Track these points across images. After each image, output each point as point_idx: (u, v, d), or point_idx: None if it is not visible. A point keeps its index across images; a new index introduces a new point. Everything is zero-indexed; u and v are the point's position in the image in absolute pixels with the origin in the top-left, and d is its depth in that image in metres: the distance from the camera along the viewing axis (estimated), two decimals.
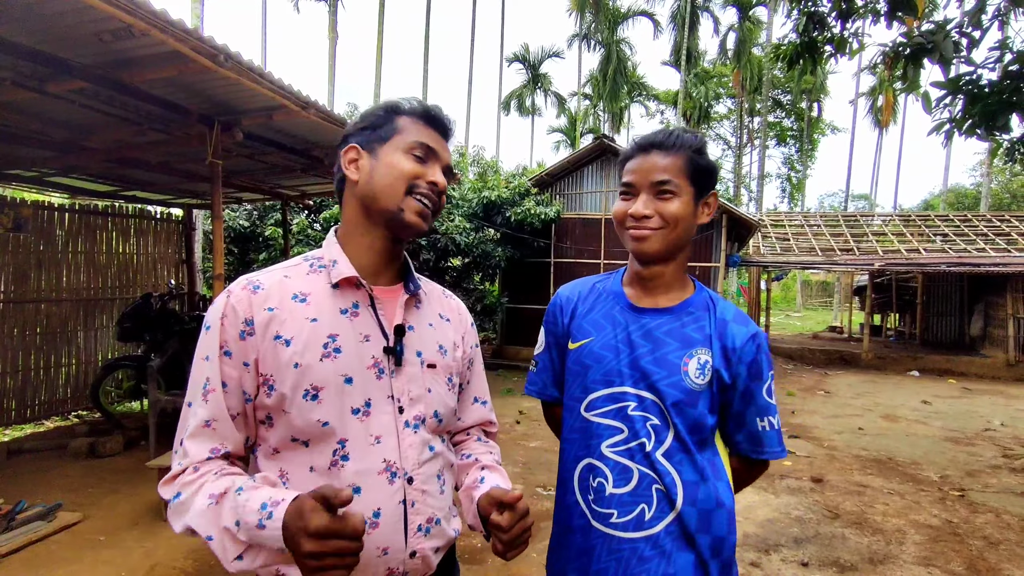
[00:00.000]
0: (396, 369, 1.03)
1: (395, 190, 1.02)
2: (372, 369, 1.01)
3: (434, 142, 1.06)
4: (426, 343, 1.09)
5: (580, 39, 30.38)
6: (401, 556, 1.00)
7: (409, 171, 1.03)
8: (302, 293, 1.01)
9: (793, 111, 35.77)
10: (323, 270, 1.05)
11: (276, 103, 3.65)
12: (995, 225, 14.79)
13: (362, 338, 1.01)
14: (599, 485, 1.23)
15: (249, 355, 0.96)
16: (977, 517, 4.26)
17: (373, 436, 0.99)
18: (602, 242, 11.26)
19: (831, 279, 32.20)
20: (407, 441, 1.02)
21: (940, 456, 5.95)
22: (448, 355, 1.13)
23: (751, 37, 30.38)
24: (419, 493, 1.02)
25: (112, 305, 6.38)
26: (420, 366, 1.07)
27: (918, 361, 12.69)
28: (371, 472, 0.98)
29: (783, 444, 1.27)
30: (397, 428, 1.01)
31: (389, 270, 1.09)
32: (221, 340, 0.96)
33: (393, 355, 1.03)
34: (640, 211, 1.19)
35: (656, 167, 1.19)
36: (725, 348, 1.21)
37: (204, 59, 3.01)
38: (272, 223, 8.86)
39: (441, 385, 1.10)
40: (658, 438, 1.19)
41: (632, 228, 1.21)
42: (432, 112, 1.09)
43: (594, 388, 1.25)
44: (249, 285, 0.99)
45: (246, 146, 4.45)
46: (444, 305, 1.20)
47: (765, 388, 1.22)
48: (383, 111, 1.09)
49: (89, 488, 4.02)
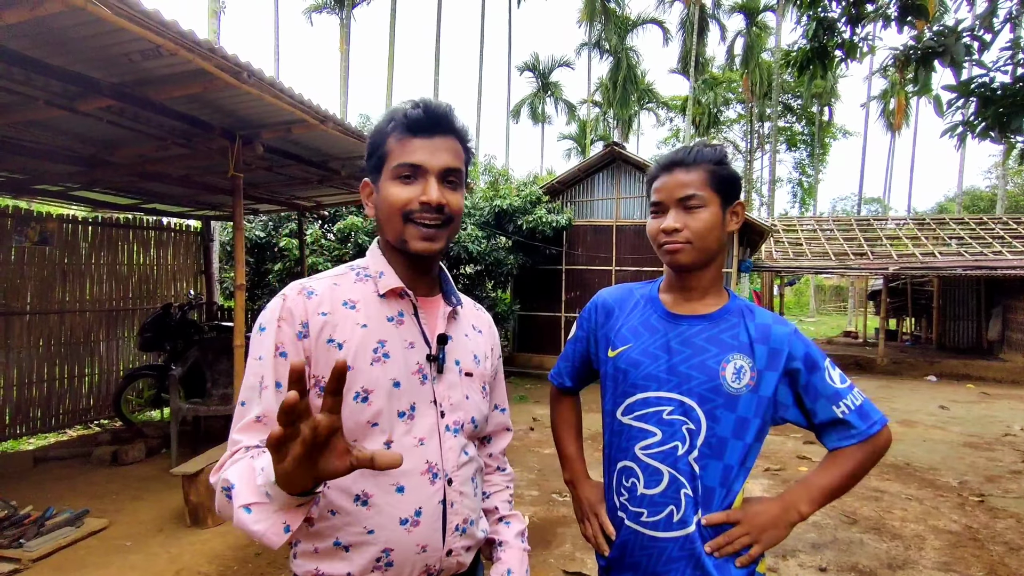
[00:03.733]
0: (438, 376, 1.08)
1: (394, 223, 1.04)
2: (417, 375, 1.05)
3: (421, 153, 1.02)
4: (463, 353, 1.14)
5: (590, 47, 30.53)
6: (438, 555, 1.04)
7: (399, 200, 1.02)
8: (351, 300, 1.05)
9: (804, 115, 35.66)
10: (369, 279, 1.09)
11: (296, 117, 3.75)
12: (1012, 228, 14.64)
13: (407, 345, 1.06)
14: (632, 485, 1.28)
15: (303, 355, 0.99)
16: (998, 523, 4.22)
17: (417, 438, 1.03)
18: (613, 248, 11.29)
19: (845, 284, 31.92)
20: (447, 444, 1.07)
21: (959, 462, 5.90)
22: (481, 365, 1.18)
23: (759, 42, 30.38)
24: (457, 494, 1.07)
25: (133, 316, 6.51)
26: (459, 374, 1.11)
27: (935, 366, 12.55)
28: (415, 472, 1.02)
29: (875, 416, 1.23)
30: (439, 432, 1.06)
31: (424, 282, 1.13)
32: (277, 341, 0.99)
33: (436, 362, 1.07)
34: (670, 225, 1.24)
35: (680, 183, 1.25)
36: (772, 350, 1.24)
37: (228, 76, 3.11)
38: (287, 233, 8.98)
39: (477, 393, 1.15)
40: (691, 442, 1.23)
41: (665, 243, 1.26)
42: (413, 118, 1.03)
43: (632, 392, 1.30)
44: (304, 290, 1.03)
45: (265, 159, 4.55)
46: (476, 318, 1.25)
47: (827, 375, 1.24)
48: (375, 137, 1.08)
49: (113, 495, 4.11)
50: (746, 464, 1.25)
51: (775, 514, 1.24)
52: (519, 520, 1.26)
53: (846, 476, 1.24)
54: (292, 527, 0.83)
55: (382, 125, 1.07)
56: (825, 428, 1.25)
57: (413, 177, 1.03)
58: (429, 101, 1.05)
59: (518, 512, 1.26)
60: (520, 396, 8.83)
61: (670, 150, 1.51)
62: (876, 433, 1.22)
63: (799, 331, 1.29)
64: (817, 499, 1.24)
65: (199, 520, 3.56)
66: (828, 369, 1.25)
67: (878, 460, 1.26)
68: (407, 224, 1.03)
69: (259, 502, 0.82)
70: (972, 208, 31.09)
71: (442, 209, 1.03)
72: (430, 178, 1.03)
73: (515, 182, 11.83)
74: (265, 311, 1.04)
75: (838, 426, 1.24)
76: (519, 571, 1.20)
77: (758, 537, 1.22)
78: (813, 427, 1.27)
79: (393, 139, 1.04)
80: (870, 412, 1.23)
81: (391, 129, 1.05)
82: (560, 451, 1.54)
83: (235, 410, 1.03)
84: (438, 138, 1.04)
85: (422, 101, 1.05)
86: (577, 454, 1.51)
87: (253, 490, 0.84)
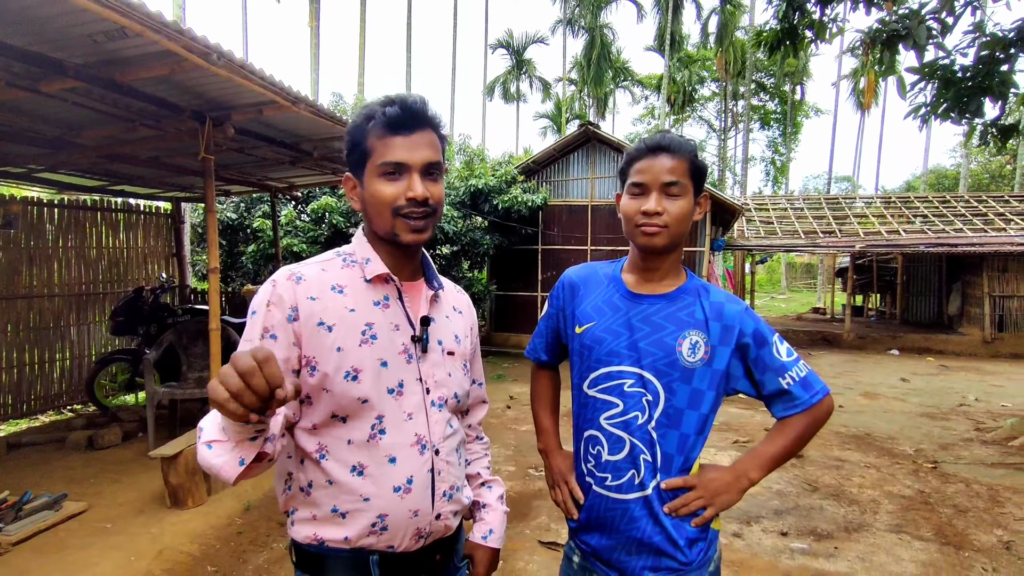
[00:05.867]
0: (422, 355, 1.15)
1: (383, 217, 1.09)
2: (403, 355, 1.13)
3: (403, 151, 1.07)
4: (445, 333, 1.22)
5: (564, 24, 30.28)
6: (428, 518, 1.13)
7: (387, 197, 1.08)
8: (339, 285, 1.11)
9: (776, 94, 35.99)
10: (355, 265, 1.15)
11: (267, 99, 3.71)
12: (973, 206, 15.11)
13: (393, 327, 1.13)
14: (597, 452, 1.38)
15: (294, 337, 1.06)
16: (948, 487, 4.48)
17: (406, 412, 1.11)
18: (588, 228, 11.39)
19: (815, 261, 32.64)
20: (434, 418, 1.15)
21: (915, 431, 6.19)
22: (462, 344, 1.26)
23: (733, 20, 30.45)
24: (444, 463, 1.16)
25: (104, 300, 6.42)
26: (441, 353, 1.19)
27: (898, 340, 13.01)
28: (405, 444, 1.11)
29: (817, 386, 1.34)
30: (426, 407, 1.14)
31: (408, 268, 1.20)
32: (266, 324, 1.05)
33: (420, 343, 1.15)
34: (653, 208, 1.30)
35: (665, 168, 1.30)
36: (724, 327, 1.34)
37: (197, 58, 3.07)
38: (260, 215, 8.88)
39: (459, 370, 1.23)
40: (650, 413, 1.33)
41: (644, 224, 1.32)
42: (392, 116, 1.07)
43: (596, 367, 1.38)
44: (292, 276, 1.09)
45: (236, 140, 4.49)
46: (456, 299, 1.32)
47: (774, 350, 1.35)
48: (354, 134, 1.12)
49: (91, 479, 4.11)
50: (703, 433, 1.35)
51: (728, 480, 1.35)
52: (499, 484, 1.37)
53: (791, 443, 1.35)
54: (246, 460, 0.90)
55: (360, 123, 1.11)
56: (772, 398, 1.36)
57: (397, 174, 1.08)
58: (404, 97, 1.10)
59: (498, 477, 1.38)
60: (498, 375, 8.95)
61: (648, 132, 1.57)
62: (818, 402, 1.34)
63: (750, 309, 1.39)
64: (765, 465, 1.35)
65: (179, 501, 3.60)
66: (776, 344, 1.35)
67: (820, 426, 1.38)
68: (396, 218, 1.09)
69: (218, 439, 0.90)
70: (937, 186, 31.91)
71: (427, 202, 1.09)
72: (413, 174, 1.08)
73: (490, 162, 11.81)
74: (257, 296, 1.11)
75: (783, 396, 1.34)
76: (499, 531, 1.32)
77: (711, 500, 1.33)
78: (762, 397, 1.37)
79: (374, 137, 1.08)
80: (812, 383, 1.35)
81: (371, 127, 1.09)
82: (536, 423, 1.63)
83: None
84: (417, 133, 1.09)
85: (398, 98, 1.09)
86: (551, 426, 1.60)
87: (216, 428, 0.91)
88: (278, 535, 3.42)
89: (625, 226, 1.37)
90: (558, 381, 1.65)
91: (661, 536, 1.31)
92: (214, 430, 0.91)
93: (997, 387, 8.79)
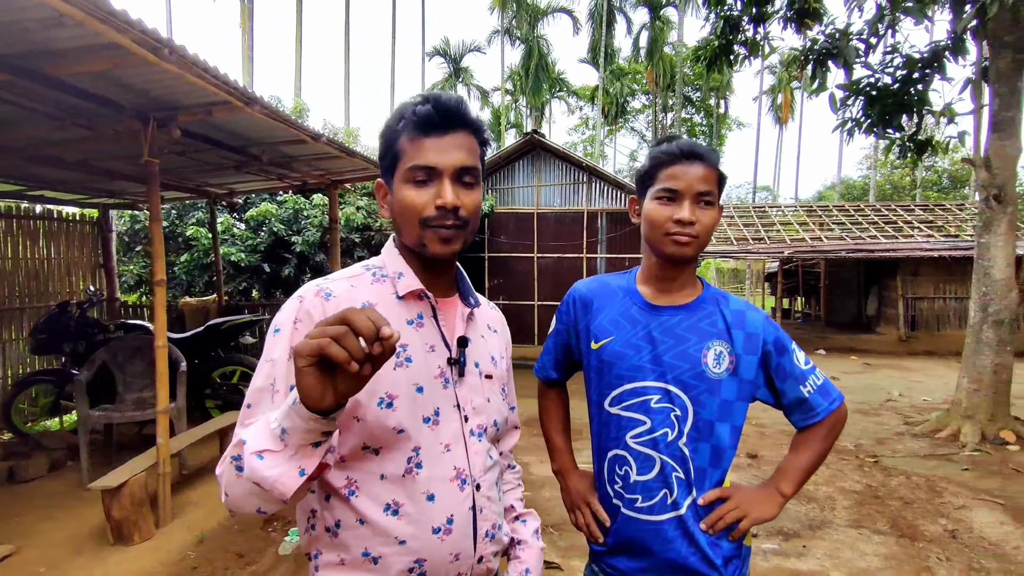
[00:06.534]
0: (459, 380, 1.05)
1: (412, 227, 1.00)
2: (439, 379, 1.02)
3: (433, 154, 0.97)
4: (481, 355, 1.12)
5: (502, 34, 30.52)
6: (470, 561, 1.03)
7: (415, 205, 0.98)
8: (369, 302, 1.01)
9: (702, 107, 37.63)
10: (386, 279, 1.05)
11: (219, 99, 3.47)
12: (884, 214, 16.29)
13: (428, 348, 1.03)
14: (625, 473, 1.32)
15: None
16: (891, 480, 4.74)
17: (443, 444, 1.01)
18: (535, 236, 11.44)
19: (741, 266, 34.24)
20: (473, 449, 1.05)
21: (853, 427, 6.54)
22: (498, 366, 1.17)
23: (662, 36, 31.68)
24: (485, 499, 1.06)
25: (22, 316, 5.82)
26: (479, 376, 1.09)
27: (824, 341, 13.79)
28: (444, 479, 1.00)
29: (834, 393, 1.35)
30: (464, 436, 1.04)
31: (442, 283, 1.10)
32: (292, 344, 0.94)
33: (456, 366, 1.05)
34: (688, 217, 1.25)
35: (701, 177, 1.26)
36: (748, 335, 1.31)
37: (146, 52, 2.83)
38: (193, 222, 8.37)
39: (497, 395, 1.13)
40: (679, 428, 1.29)
41: (677, 233, 1.27)
42: (423, 115, 0.98)
43: (618, 384, 1.33)
44: (321, 291, 0.99)
45: (179, 143, 4.19)
46: (491, 317, 1.22)
47: (794, 358, 1.33)
48: (386, 136, 1.03)
49: (16, 517, 3.69)
50: (734, 445, 1.33)
51: (763, 494, 1.34)
52: (534, 517, 1.27)
53: (817, 455, 1.36)
54: (307, 471, 0.79)
55: (392, 123, 1.02)
56: (792, 407, 1.36)
57: (427, 179, 0.98)
58: (439, 95, 1.00)
59: (532, 509, 1.27)
60: None
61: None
62: (836, 409, 1.35)
63: (769, 317, 1.38)
64: (797, 479, 1.35)
65: (124, 536, 3.28)
66: (795, 352, 1.35)
67: (839, 432, 1.39)
68: (425, 229, 0.99)
69: (272, 449, 0.79)
70: (847, 196, 34.22)
71: (458, 211, 0.98)
72: (444, 180, 0.98)
73: None
74: (281, 312, 1.00)
75: (803, 405, 1.34)
76: (536, 570, 1.21)
77: (747, 511, 1.30)
78: (781, 406, 1.37)
79: (405, 139, 0.99)
80: (829, 390, 1.35)
81: (402, 128, 1.00)
82: (548, 443, 1.56)
83: (241, 412, 0.96)
84: (451, 135, 0.99)
85: (431, 96, 1.00)
86: (565, 445, 1.54)
87: (267, 437, 0.79)
88: (236, 568, 3.18)
89: (651, 233, 1.31)
90: (567, 398, 1.60)
91: (697, 557, 1.28)
92: (265, 438, 0.79)
93: (917, 382, 9.45)
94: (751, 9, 7.39)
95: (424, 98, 1.00)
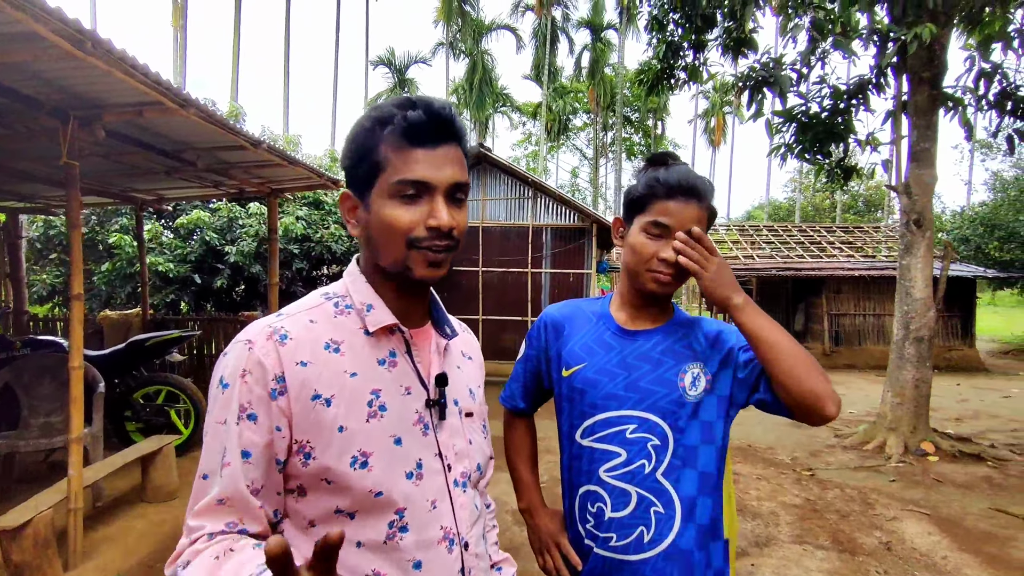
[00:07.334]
0: (439, 423, 0.93)
1: (394, 248, 0.87)
2: (417, 426, 0.90)
3: (426, 167, 0.85)
4: (460, 389, 1.00)
5: (447, 47, 30.54)
6: None
7: (402, 225, 0.85)
8: (334, 342, 0.87)
9: (641, 128, 38.87)
10: (351, 311, 0.92)
11: (150, 99, 3.22)
12: (809, 235, 17.23)
13: (403, 391, 0.90)
14: (598, 510, 1.25)
15: (281, 418, 0.81)
16: (827, 493, 4.90)
17: (429, 501, 0.88)
18: (480, 250, 11.36)
19: None
20: (459, 502, 0.93)
21: (788, 439, 6.78)
22: (477, 399, 1.05)
23: (603, 57, 32.59)
24: (474, 558, 0.94)
25: None
26: (459, 416, 0.97)
27: None
28: (431, 543, 0.88)
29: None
30: (449, 489, 0.92)
31: (417, 311, 0.98)
32: (242, 402, 0.80)
33: (436, 408, 0.93)
34: (673, 258, 1.20)
35: (694, 217, 1.21)
36: (721, 351, 1.26)
37: (66, 44, 2.57)
38: (117, 229, 7.80)
39: (479, 434, 1.02)
40: (658, 458, 1.23)
41: (658, 272, 1.22)
42: (415, 122, 0.85)
43: (591, 413, 1.27)
44: (273, 334, 0.84)
45: (103, 144, 3.87)
46: (464, 342, 1.09)
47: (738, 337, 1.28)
48: (362, 141, 0.88)
49: None
50: (720, 466, 1.27)
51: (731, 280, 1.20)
52: (510, 563, 1.16)
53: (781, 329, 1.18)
54: None
55: (370, 126, 0.88)
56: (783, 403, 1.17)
57: (417, 196, 0.86)
58: (431, 101, 0.87)
59: (508, 555, 1.16)
60: None
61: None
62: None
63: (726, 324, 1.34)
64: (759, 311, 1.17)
65: None
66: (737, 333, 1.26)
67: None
68: (412, 250, 0.87)
69: None
70: (774, 216, 36.10)
71: (451, 233, 0.88)
72: (437, 197, 0.87)
73: None
74: (225, 360, 0.84)
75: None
76: None
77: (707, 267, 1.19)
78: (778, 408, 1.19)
79: (389, 148, 0.86)
80: None
81: (387, 134, 0.86)
82: (515, 478, 1.47)
83: (194, 484, 0.82)
84: (443, 147, 0.87)
85: (421, 101, 0.87)
86: (532, 481, 1.46)
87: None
88: None
89: (633, 264, 1.26)
90: (534, 430, 1.52)
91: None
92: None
93: (842, 395, 9.91)
94: (691, 36, 7.68)
95: (411, 101, 0.87)
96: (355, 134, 0.90)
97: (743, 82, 7.36)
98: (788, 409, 1.16)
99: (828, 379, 1.12)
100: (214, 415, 0.82)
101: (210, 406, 0.84)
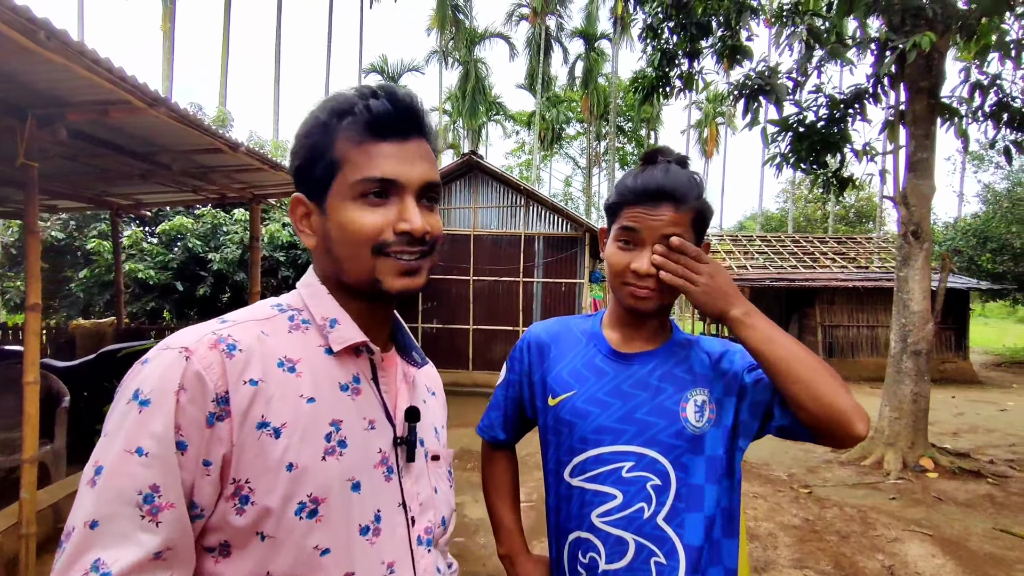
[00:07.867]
0: (406, 466, 0.77)
1: (360, 257, 0.73)
2: (380, 468, 0.74)
3: (394, 163, 0.73)
4: (426, 429, 0.84)
5: (440, 56, 30.53)
6: None
7: (367, 231, 0.72)
8: (289, 359, 0.71)
9: (634, 137, 38.95)
10: (308, 327, 0.76)
11: (116, 97, 3.04)
12: (802, 245, 17.19)
13: (367, 425, 0.75)
14: (591, 561, 1.09)
15: (214, 450, 0.64)
16: (826, 512, 4.73)
17: (385, 564, 0.72)
18: (471, 258, 11.20)
19: None
20: (421, 565, 0.77)
21: (784, 455, 6.62)
22: (442, 440, 0.89)
23: (597, 67, 32.70)
24: None
25: None
26: (425, 459, 0.82)
27: None
28: None
29: None
30: (411, 547, 0.76)
31: (384, 332, 0.82)
32: (174, 423, 0.62)
33: (404, 447, 0.77)
34: (645, 269, 1.04)
35: (665, 222, 1.04)
36: (726, 374, 1.11)
37: (17, 34, 2.39)
38: (95, 235, 7.59)
39: (444, 481, 0.86)
40: (658, 500, 1.07)
41: (633, 285, 1.07)
42: (379, 112, 0.73)
43: (582, 449, 1.11)
44: (220, 343, 0.67)
45: (69, 145, 3.68)
46: (428, 375, 0.94)
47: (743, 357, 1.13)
48: (315, 136, 0.75)
49: None
50: (732, 506, 1.11)
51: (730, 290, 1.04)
52: None
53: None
54: None
55: (325, 119, 0.74)
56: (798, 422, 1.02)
57: (383, 196, 0.73)
58: (393, 88, 0.75)
59: None
60: None
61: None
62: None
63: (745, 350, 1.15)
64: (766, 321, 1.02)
65: None
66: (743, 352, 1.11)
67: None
68: (379, 257, 0.73)
69: None
70: (767, 226, 36.18)
71: (424, 238, 0.75)
72: (407, 198, 0.74)
73: None
74: (146, 370, 0.66)
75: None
76: None
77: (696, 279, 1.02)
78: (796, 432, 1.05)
79: (348, 142, 0.73)
80: None
81: (345, 126, 0.73)
82: (494, 520, 1.29)
83: (72, 537, 0.61)
84: (412, 141, 0.75)
85: (383, 88, 0.74)
86: (514, 524, 1.28)
87: None
88: None
89: (610, 277, 1.12)
90: (516, 465, 1.34)
91: None
92: None
93: None
94: (685, 44, 7.60)
95: (372, 90, 0.74)
96: (308, 128, 0.76)
97: (739, 90, 7.26)
98: (811, 432, 1.01)
99: (851, 392, 0.98)
100: (121, 442, 0.62)
101: (111, 428, 0.64)
